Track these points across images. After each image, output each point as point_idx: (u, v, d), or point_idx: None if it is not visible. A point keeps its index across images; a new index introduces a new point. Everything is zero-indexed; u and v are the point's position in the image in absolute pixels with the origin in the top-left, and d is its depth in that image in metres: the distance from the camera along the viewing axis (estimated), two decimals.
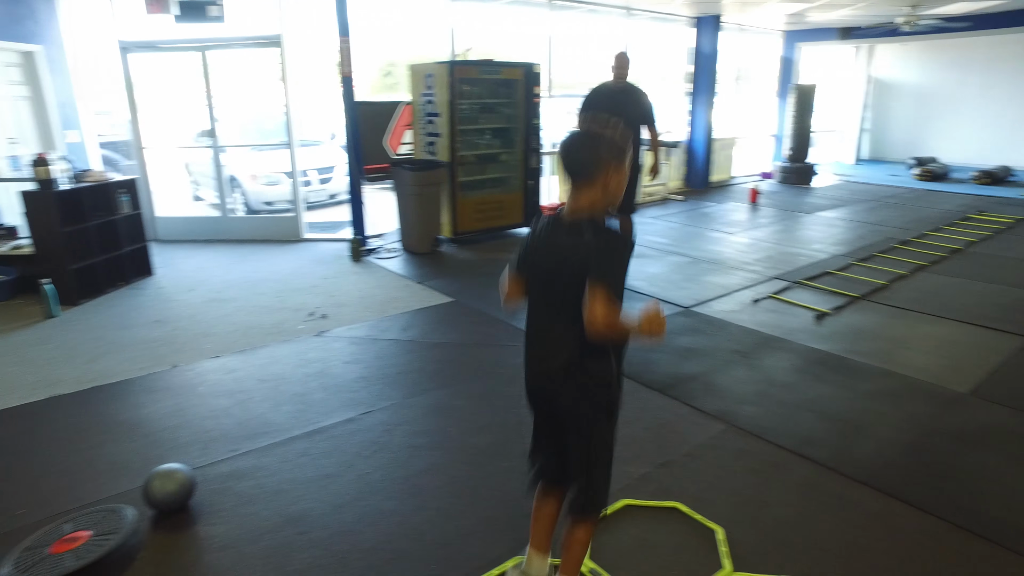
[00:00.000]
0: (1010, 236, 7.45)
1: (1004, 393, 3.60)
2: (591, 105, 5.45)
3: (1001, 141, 13.64)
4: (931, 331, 4.55)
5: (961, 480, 2.83)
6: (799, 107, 11.33)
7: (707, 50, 10.32)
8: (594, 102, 5.45)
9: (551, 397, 1.98)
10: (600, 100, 5.44)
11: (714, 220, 8.23)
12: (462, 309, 4.99)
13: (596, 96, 5.49)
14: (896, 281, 5.65)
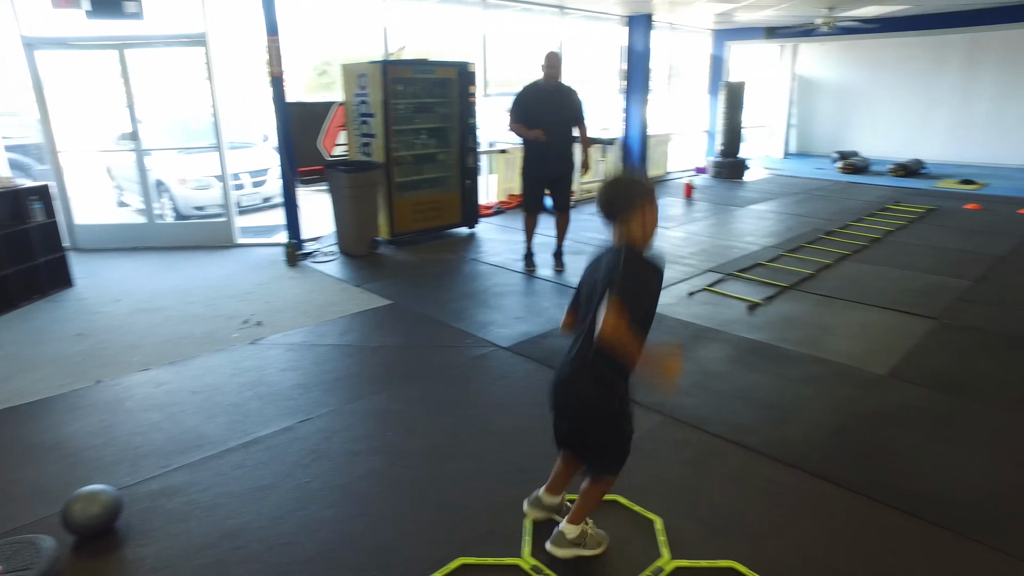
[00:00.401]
0: (922, 225, 7.88)
1: (916, 373, 3.82)
2: (524, 104, 5.44)
3: (912, 136, 14.43)
4: (854, 317, 4.78)
5: (880, 457, 2.98)
6: (729, 104, 11.69)
7: (640, 48, 10.53)
8: (527, 101, 5.44)
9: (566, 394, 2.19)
10: (533, 99, 5.44)
11: None
12: (401, 311, 4.94)
13: (529, 95, 5.47)
14: (822, 270, 5.90)
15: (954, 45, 13.66)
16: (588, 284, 2.10)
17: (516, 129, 5.46)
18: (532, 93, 5.47)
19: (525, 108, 5.42)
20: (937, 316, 4.71)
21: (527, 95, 5.47)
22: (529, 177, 5.72)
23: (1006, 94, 13.39)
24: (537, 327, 4.56)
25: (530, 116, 5.38)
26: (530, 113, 5.38)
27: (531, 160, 5.62)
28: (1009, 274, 5.82)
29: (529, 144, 5.51)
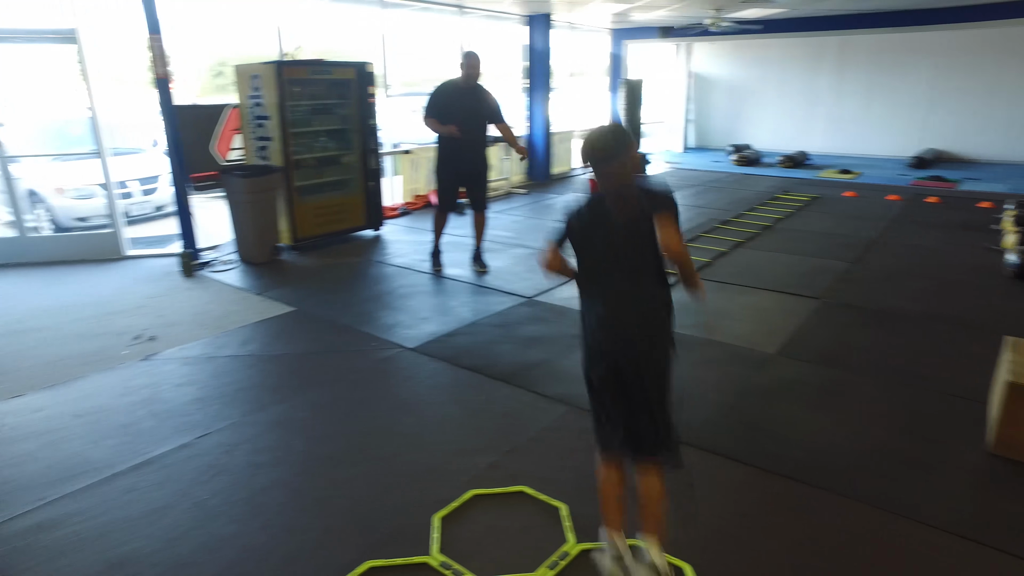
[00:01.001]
0: (807, 212, 8.44)
1: (802, 350, 4.10)
2: (439, 103, 5.43)
3: (797, 130, 15.43)
4: (747, 301, 5.06)
5: (769, 430, 3.19)
6: (629, 101, 12.09)
7: (540, 47, 10.69)
8: (443, 101, 5.44)
9: (639, 352, 2.04)
10: (449, 97, 5.43)
11: (556, 211, 8.57)
12: (305, 318, 4.82)
13: (445, 95, 5.46)
14: (718, 258, 6.21)
15: (828, 46, 14.69)
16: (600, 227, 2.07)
17: (431, 124, 5.45)
18: (449, 91, 5.47)
19: (441, 105, 5.42)
20: (819, 296, 5.07)
21: (444, 93, 5.46)
22: (444, 174, 5.70)
23: (872, 92, 14.54)
24: (444, 326, 4.56)
25: (446, 114, 5.38)
26: (446, 111, 5.38)
27: (447, 157, 5.62)
28: (879, 255, 6.33)
29: (444, 141, 5.51)
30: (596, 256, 2.11)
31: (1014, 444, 2.88)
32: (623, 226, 2.03)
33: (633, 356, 2.05)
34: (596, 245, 2.10)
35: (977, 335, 4.34)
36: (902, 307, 4.88)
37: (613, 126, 2.11)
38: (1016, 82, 13.18)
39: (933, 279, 5.58)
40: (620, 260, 2.07)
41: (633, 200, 2.02)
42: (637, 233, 2.00)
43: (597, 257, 2.11)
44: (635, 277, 2.06)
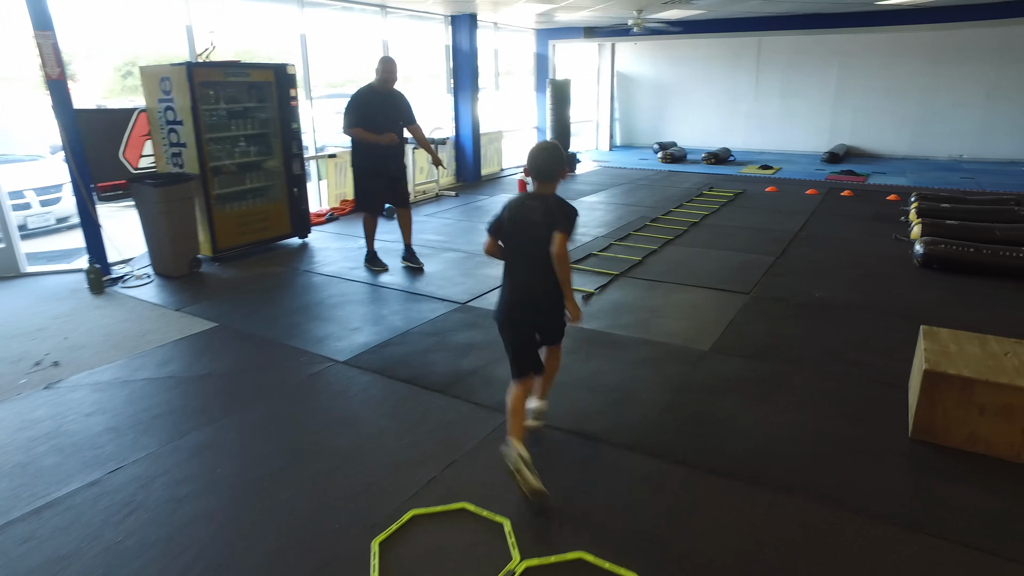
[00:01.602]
0: (732, 208, 8.68)
1: (735, 345, 4.17)
2: (361, 112, 5.39)
3: (720, 127, 15.93)
4: (679, 298, 5.12)
5: (708, 428, 3.20)
6: (556, 101, 12.14)
7: (465, 47, 10.60)
8: (364, 105, 5.41)
9: (536, 311, 2.88)
10: (369, 103, 5.41)
11: (487, 213, 8.50)
12: (228, 333, 4.56)
13: (365, 102, 5.43)
14: (649, 256, 6.28)
15: (747, 47, 15.24)
16: (520, 221, 2.79)
17: (357, 133, 5.41)
18: (369, 97, 5.44)
19: (363, 113, 5.38)
20: (749, 291, 5.19)
21: (364, 100, 5.42)
22: (368, 178, 5.68)
23: (788, 91, 15.17)
24: (376, 337, 4.40)
25: (368, 120, 5.37)
26: (368, 117, 5.36)
27: (371, 162, 5.58)
28: (803, 248, 6.56)
29: (371, 148, 5.47)
30: (516, 242, 2.84)
31: (932, 429, 2.99)
32: (538, 224, 2.72)
33: (534, 311, 2.89)
34: (517, 235, 2.82)
35: (896, 322, 4.53)
36: (827, 298, 5.05)
37: (553, 148, 2.87)
38: (915, 82, 14.02)
39: (852, 269, 5.82)
40: (529, 249, 2.77)
41: (550, 208, 2.74)
42: (543, 234, 2.70)
43: (516, 243, 2.84)
44: (537, 263, 2.75)
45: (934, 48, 13.65)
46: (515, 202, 2.84)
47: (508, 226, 2.82)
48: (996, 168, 12.64)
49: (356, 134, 5.42)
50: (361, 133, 5.39)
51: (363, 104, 5.40)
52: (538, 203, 2.76)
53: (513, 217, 2.80)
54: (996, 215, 7.10)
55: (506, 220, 2.82)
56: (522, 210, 2.79)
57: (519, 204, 2.82)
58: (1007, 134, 13.44)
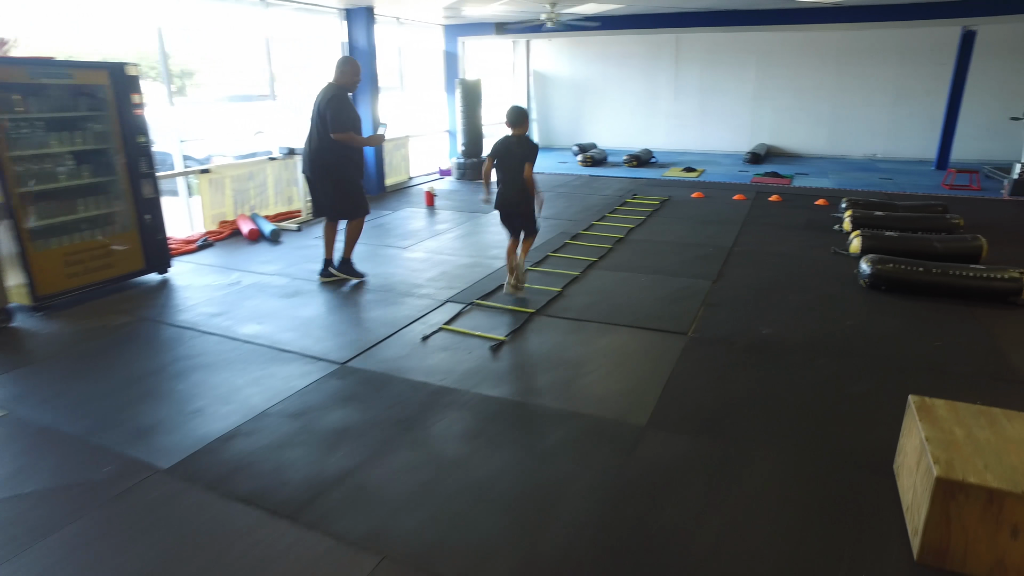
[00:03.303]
0: (659, 218, 8.00)
1: (677, 414, 3.36)
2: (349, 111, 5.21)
3: (641, 127, 15.43)
4: (607, 345, 4.29)
5: (655, 556, 2.35)
6: (467, 102, 11.20)
7: (363, 44, 9.51)
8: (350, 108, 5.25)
9: (514, 203, 4.85)
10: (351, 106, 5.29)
11: (387, 233, 7.46)
12: (16, 428, 3.36)
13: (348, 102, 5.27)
14: (571, 285, 5.45)
15: (665, 44, 14.77)
16: (506, 152, 4.76)
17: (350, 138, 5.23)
18: (348, 99, 5.31)
19: (351, 115, 5.27)
20: (687, 331, 4.42)
21: (347, 101, 5.28)
22: (359, 183, 5.58)
23: (708, 89, 14.82)
24: (221, 423, 3.35)
25: (355, 123, 5.31)
26: (354, 120, 5.30)
27: (360, 166, 5.55)
28: (739, 268, 5.90)
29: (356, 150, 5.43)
30: (503, 166, 4.76)
31: (946, 553, 2.25)
32: (515, 155, 4.69)
33: (514, 206, 4.86)
34: (504, 161, 4.75)
35: (859, 366, 3.87)
36: (776, 336, 4.35)
37: (520, 108, 4.76)
38: (829, 82, 13.92)
39: (797, 294, 5.18)
40: (511, 170, 4.72)
41: (522, 144, 4.70)
42: (519, 162, 4.66)
43: (504, 166, 4.77)
44: (513, 179, 4.74)
45: (845, 49, 13.59)
46: (501, 141, 4.75)
47: (498, 157, 4.74)
48: (907, 167, 12.63)
49: (350, 138, 5.21)
50: (354, 137, 5.25)
51: (349, 106, 5.24)
52: (515, 142, 4.70)
53: (499, 151, 4.75)
54: (930, 224, 6.70)
55: (497, 152, 4.77)
56: (506, 145, 4.74)
57: (504, 142, 4.74)
58: (914, 133, 13.53)
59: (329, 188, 5.42)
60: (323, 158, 5.29)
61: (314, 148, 5.30)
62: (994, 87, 12.72)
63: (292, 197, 8.64)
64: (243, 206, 7.97)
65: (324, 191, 5.45)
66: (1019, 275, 4.93)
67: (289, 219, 8.20)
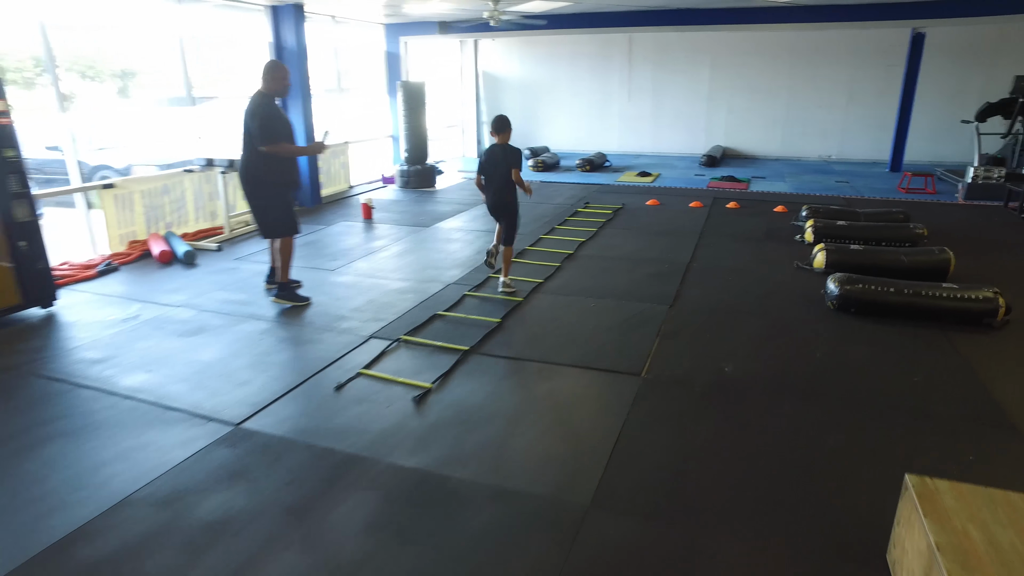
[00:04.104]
0: (612, 229, 7.51)
1: (628, 488, 2.81)
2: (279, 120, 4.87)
3: (593, 129, 14.99)
4: (548, 391, 3.73)
5: None
6: (409, 105, 10.55)
7: (292, 44, 8.78)
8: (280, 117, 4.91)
9: (501, 206, 5.10)
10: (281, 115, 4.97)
11: (316, 252, 6.78)
12: None
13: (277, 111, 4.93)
14: (512, 312, 4.88)
15: (617, 44, 14.36)
16: (492, 161, 5.02)
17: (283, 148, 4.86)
18: (277, 107, 4.93)
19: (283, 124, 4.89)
20: (641, 371, 3.89)
21: (276, 109, 4.90)
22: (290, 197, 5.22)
23: (662, 91, 14.47)
24: (67, 517, 2.66)
25: (287, 132, 4.93)
26: (286, 129, 4.92)
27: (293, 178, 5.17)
28: (697, 288, 5.43)
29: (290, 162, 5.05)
30: (490, 173, 5.04)
31: None
32: (500, 163, 4.94)
33: (501, 209, 5.14)
34: (490, 169, 5.03)
35: (833, 415, 3.40)
36: (739, 374, 3.86)
37: (503, 117, 5.05)
38: (783, 83, 13.69)
39: (760, 318, 4.72)
40: (497, 177, 5.00)
41: (507, 151, 4.95)
42: (504, 167, 4.92)
43: (490, 173, 5.04)
44: (501, 183, 5.00)
45: (798, 49, 13.38)
46: (487, 150, 5.06)
47: (485, 165, 5.05)
48: (862, 169, 12.48)
49: (280, 149, 4.81)
50: (286, 147, 4.87)
51: (278, 115, 4.87)
52: (499, 149, 4.99)
53: (486, 160, 5.05)
54: (894, 234, 6.36)
55: (484, 161, 5.05)
56: (491, 154, 5.03)
57: (490, 151, 5.05)
58: (867, 135, 13.40)
59: (260, 203, 5.05)
60: (252, 172, 4.93)
61: (243, 161, 4.95)
62: (943, 90, 12.65)
63: (216, 212, 7.88)
64: (157, 224, 7.19)
65: (255, 207, 5.09)
66: (993, 295, 4.57)
67: (210, 237, 7.44)
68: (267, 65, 4.87)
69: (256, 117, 4.74)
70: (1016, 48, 12.13)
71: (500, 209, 5.13)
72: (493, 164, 4.98)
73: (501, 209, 5.13)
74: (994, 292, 4.58)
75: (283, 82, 4.90)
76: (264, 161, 4.84)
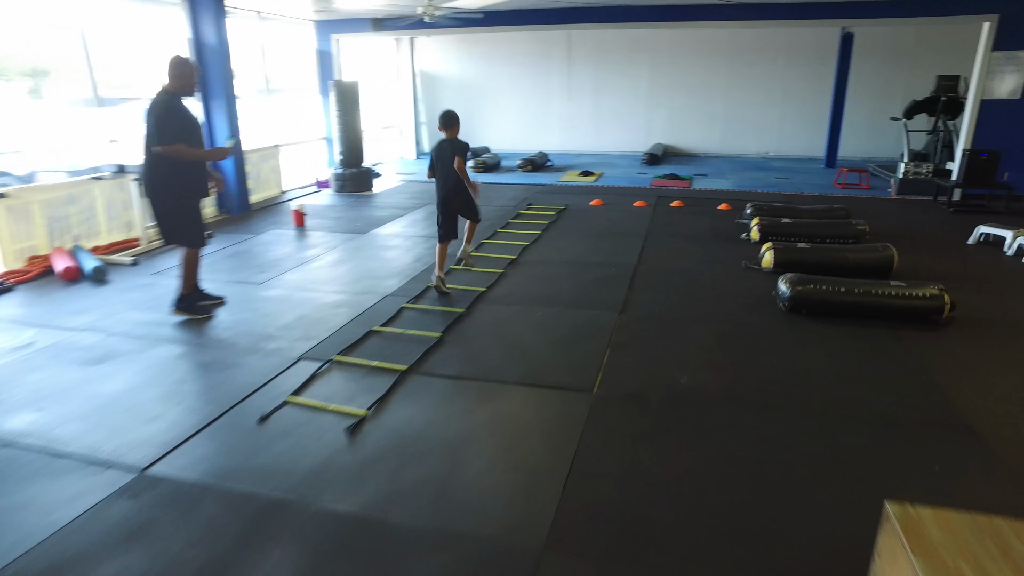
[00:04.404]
0: (556, 232, 7.29)
1: (584, 524, 2.55)
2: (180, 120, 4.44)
3: (534, 128, 14.80)
4: (493, 413, 3.44)
5: None
6: (343, 106, 10.08)
7: (213, 41, 8.19)
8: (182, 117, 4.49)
9: (453, 199, 5.12)
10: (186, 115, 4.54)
11: (243, 264, 6.30)
12: None
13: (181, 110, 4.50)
14: (454, 325, 4.57)
15: (556, 42, 14.20)
16: (440, 156, 5.08)
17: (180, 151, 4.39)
18: (183, 108, 4.49)
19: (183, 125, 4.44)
20: (592, 387, 3.64)
21: (180, 109, 4.45)
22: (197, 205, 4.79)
23: (602, 89, 14.39)
24: None
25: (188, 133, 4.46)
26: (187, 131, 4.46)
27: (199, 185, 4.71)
28: (645, 293, 5.24)
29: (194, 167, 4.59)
30: (440, 166, 5.09)
31: None
32: (447, 156, 5.02)
33: (449, 203, 5.15)
34: (439, 161, 5.09)
35: (794, 426, 3.23)
36: (695, 385, 3.66)
37: (451, 112, 5.07)
38: (720, 81, 13.82)
39: (712, 323, 4.56)
40: (444, 168, 5.06)
41: (453, 144, 5.01)
42: (451, 159, 4.99)
43: (439, 166, 5.10)
44: (447, 178, 5.06)
45: (735, 48, 13.53)
46: (436, 146, 5.16)
47: (435, 158, 5.14)
48: (799, 165, 12.70)
49: (177, 152, 4.37)
50: (185, 150, 4.40)
51: (177, 115, 4.42)
52: (447, 143, 5.07)
53: (436, 155, 5.14)
54: (838, 231, 6.35)
55: (434, 154, 5.16)
56: (440, 149, 5.11)
57: (439, 146, 5.13)
58: (802, 132, 13.67)
59: (159, 210, 4.65)
60: (149, 175, 4.54)
61: (144, 164, 4.53)
62: (871, 88, 12.99)
63: (131, 223, 7.25)
64: (62, 237, 6.54)
65: (156, 213, 4.69)
66: (939, 291, 4.53)
67: (125, 250, 6.84)
68: (171, 61, 4.47)
69: (153, 115, 4.39)
70: (934, 49, 12.55)
71: (451, 200, 5.18)
72: (441, 155, 5.08)
73: (452, 200, 5.18)
74: (939, 289, 4.54)
75: (188, 79, 4.51)
76: (163, 164, 4.43)
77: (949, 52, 12.28)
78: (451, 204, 5.17)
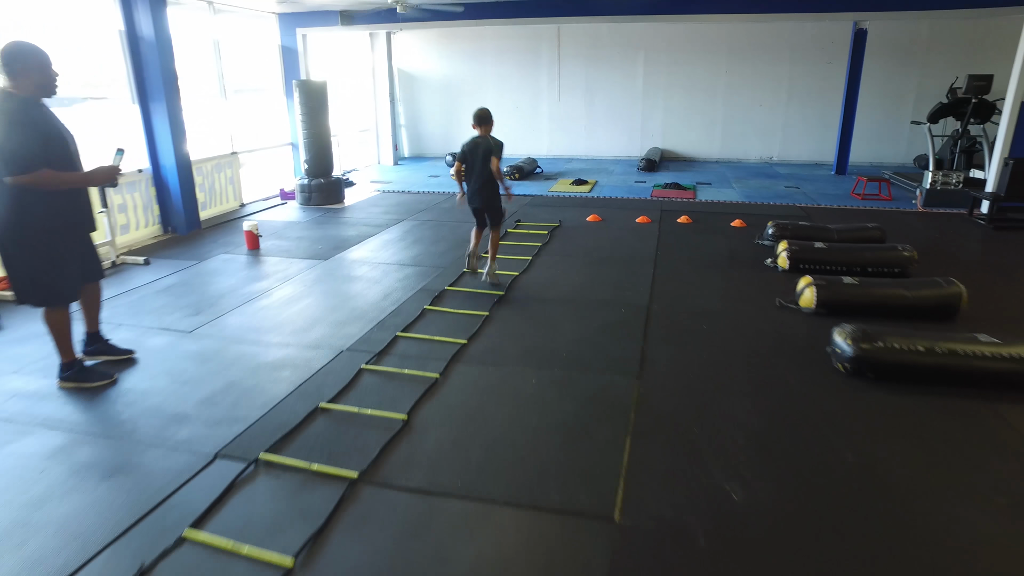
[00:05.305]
0: (550, 258, 6.28)
1: None
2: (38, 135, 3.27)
3: (522, 130, 13.79)
4: (476, 557, 2.42)
5: None
6: (309, 108, 8.99)
7: (150, 35, 7.09)
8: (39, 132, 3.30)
9: (481, 198, 5.23)
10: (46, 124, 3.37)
11: (177, 301, 5.20)
12: None
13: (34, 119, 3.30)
14: (421, 403, 3.53)
15: (547, 38, 13.22)
16: (472, 153, 5.14)
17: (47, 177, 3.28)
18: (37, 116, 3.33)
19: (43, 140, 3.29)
20: (612, 511, 2.63)
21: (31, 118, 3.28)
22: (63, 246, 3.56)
23: (595, 89, 13.43)
24: None
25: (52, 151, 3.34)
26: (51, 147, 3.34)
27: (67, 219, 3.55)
28: (664, 349, 4.23)
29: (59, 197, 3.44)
30: (470, 163, 5.19)
31: None
32: (480, 154, 5.09)
33: (481, 198, 5.25)
34: (471, 159, 5.17)
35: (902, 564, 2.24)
36: (752, 502, 2.66)
37: (486, 110, 5.16)
38: (720, 80, 12.90)
39: (756, 395, 3.57)
40: (476, 166, 5.14)
41: (487, 143, 5.07)
42: (485, 158, 5.07)
43: (471, 164, 5.19)
44: (481, 174, 5.15)
45: (735, 44, 12.62)
46: (469, 141, 5.16)
47: (466, 156, 5.19)
48: (807, 172, 11.81)
49: (33, 180, 3.24)
50: (51, 176, 3.30)
51: (24, 129, 3.22)
52: (481, 140, 5.11)
53: (468, 150, 5.17)
54: (881, 259, 5.43)
55: (466, 151, 5.18)
56: (473, 145, 5.14)
57: (472, 142, 5.15)
58: (808, 135, 12.81)
59: (5, 254, 3.47)
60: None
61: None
62: (881, 89, 12.12)
63: None
64: None
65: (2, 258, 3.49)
66: None
67: None
68: (4, 50, 3.23)
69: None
70: (948, 48, 11.71)
71: (481, 199, 5.26)
72: (474, 152, 5.16)
73: (480, 199, 5.26)
74: None
75: (40, 75, 3.31)
76: (10, 194, 3.27)
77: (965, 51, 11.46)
78: (481, 201, 5.28)
